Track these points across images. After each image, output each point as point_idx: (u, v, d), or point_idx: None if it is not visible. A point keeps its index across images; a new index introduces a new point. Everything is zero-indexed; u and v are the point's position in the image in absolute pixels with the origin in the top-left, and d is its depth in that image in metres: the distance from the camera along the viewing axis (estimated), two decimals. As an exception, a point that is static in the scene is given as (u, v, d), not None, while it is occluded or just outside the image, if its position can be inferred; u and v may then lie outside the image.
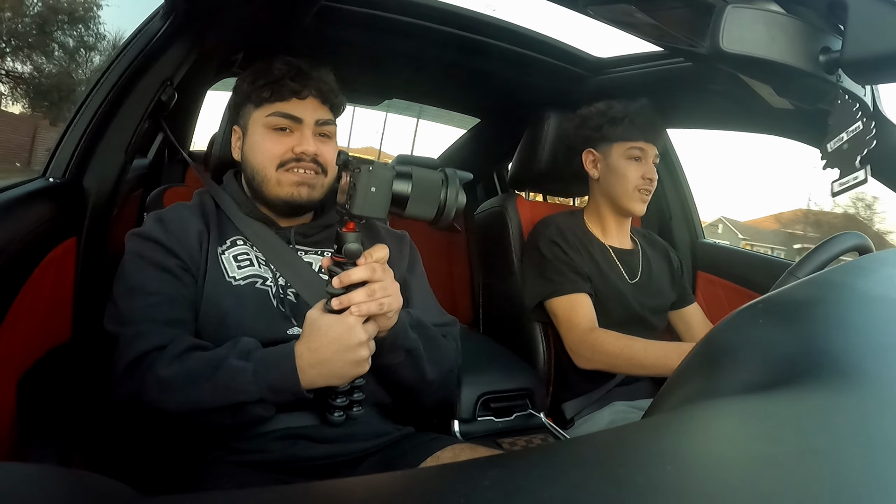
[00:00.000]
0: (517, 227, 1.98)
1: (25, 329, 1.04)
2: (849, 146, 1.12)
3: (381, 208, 1.01)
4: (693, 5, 1.04)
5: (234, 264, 1.22)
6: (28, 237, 1.04)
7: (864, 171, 1.10)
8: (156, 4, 1.41)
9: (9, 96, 19.94)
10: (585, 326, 1.66)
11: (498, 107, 2.66)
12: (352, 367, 1.05)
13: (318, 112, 1.28)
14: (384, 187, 1.01)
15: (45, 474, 0.30)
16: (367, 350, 1.06)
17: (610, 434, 0.41)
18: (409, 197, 1.02)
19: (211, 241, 1.23)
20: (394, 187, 1.01)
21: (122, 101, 1.33)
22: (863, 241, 1.25)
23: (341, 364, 1.04)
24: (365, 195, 1.00)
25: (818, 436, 0.32)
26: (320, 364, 1.03)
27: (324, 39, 1.79)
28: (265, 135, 1.26)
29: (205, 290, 1.18)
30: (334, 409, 1.12)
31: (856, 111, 1.09)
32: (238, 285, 1.20)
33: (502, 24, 1.88)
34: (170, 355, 1.05)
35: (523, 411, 1.68)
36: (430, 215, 1.04)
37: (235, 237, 1.26)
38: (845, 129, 1.12)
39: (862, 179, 1.11)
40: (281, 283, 1.22)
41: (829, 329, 0.43)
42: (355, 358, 1.04)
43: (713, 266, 2.20)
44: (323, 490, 0.29)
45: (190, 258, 1.19)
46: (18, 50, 19.58)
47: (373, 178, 1.00)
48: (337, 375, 1.06)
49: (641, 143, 1.75)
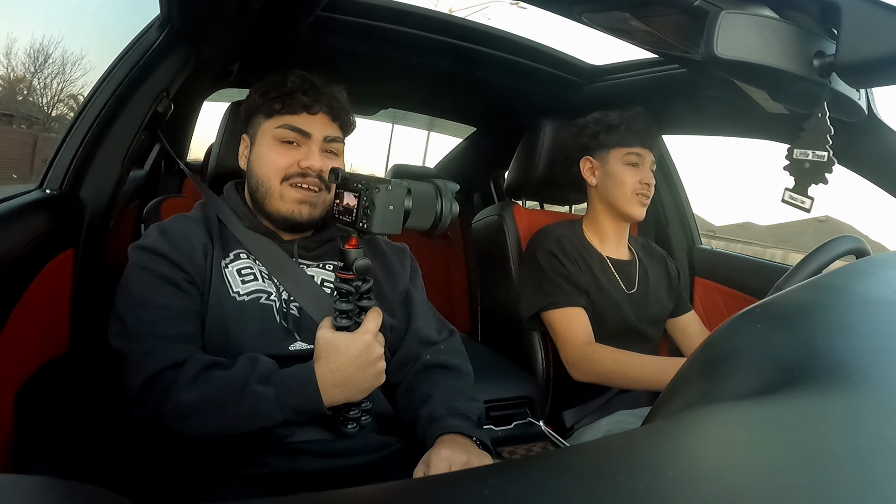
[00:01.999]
0: (515, 236, 1.99)
1: (23, 341, 1.04)
2: (809, 167, 1.15)
3: (396, 225, 1.06)
4: (687, 12, 1.05)
5: (238, 279, 1.21)
6: (25, 248, 1.03)
7: (811, 202, 1.14)
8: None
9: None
10: (582, 340, 1.67)
11: (494, 115, 2.67)
12: (374, 380, 1.09)
13: (326, 128, 1.28)
14: (399, 205, 1.05)
15: (42, 485, 0.30)
16: (383, 361, 1.10)
17: (610, 441, 0.41)
18: (411, 211, 1.07)
19: (215, 255, 1.22)
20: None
21: (119, 112, 1.32)
22: (860, 244, 1.25)
23: (363, 379, 1.07)
24: (384, 214, 1.03)
25: (818, 439, 0.32)
26: (344, 383, 1.06)
27: (319, 49, 1.80)
28: (272, 146, 1.26)
29: (209, 304, 1.17)
30: (348, 421, 1.13)
31: (828, 139, 1.12)
32: (242, 301, 1.19)
33: (497, 32, 1.89)
34: (187, 378, 1.04)
35: (523, 420, 1.68)
36: (426, 225, 1.10)
37: (238, 250, 1.25)
38: (813, 148, 1.15)
39: (805, 208, 1.16)
40: (284, 298, 1.21)
41: (828, 333, 0.43)
42: (376, 371, 1.09)
43: (710, 272, 2.20)
44: (324, 501, 0.29)
45: (195, 271, 1.18)
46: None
47: (391, 196, 1.04)
48: (360, 390, 1.09)
49: (638, 149, 1.77)
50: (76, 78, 10.94)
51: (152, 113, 1.38)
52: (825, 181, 1.13)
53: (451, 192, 1.13)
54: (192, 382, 1.04)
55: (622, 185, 1.76)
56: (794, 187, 1.17)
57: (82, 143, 1.28)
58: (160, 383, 1.04)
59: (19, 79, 10.44)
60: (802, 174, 1.15)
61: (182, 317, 1.14)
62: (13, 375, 1.03)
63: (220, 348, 1.14)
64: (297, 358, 1.14)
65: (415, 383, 1.26)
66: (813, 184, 1.14)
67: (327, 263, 1.31)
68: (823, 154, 1.12)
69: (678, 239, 2.31)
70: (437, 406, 1.18)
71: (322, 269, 1.30)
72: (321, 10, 1.53)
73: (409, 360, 1.30)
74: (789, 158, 1.18)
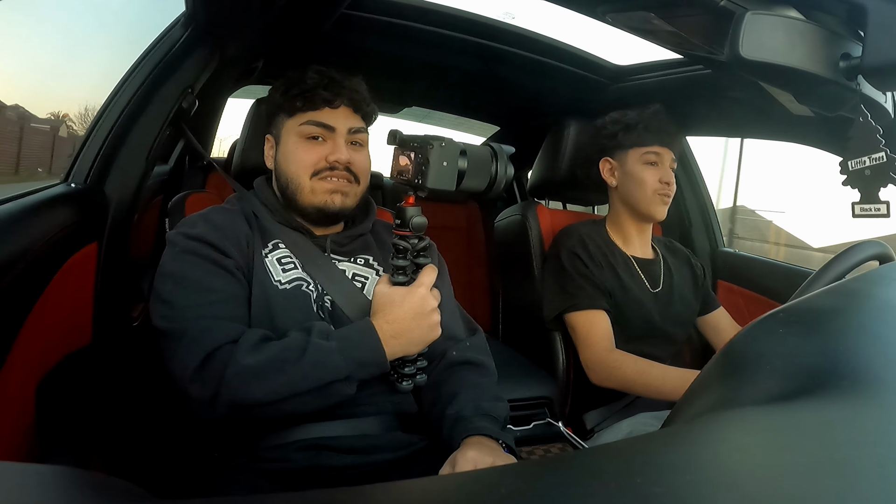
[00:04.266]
0: (538, 236, 1.98)
1: (46, 333, 1.05)
2: (871, 173, 1.11)
3: (451, 181, 1.10)
4: (712, 12, 1.04)
5: (279, 267, 1.22)
6: (50, 241, 1.05)
7: (887, 206, 1.10)
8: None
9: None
10: (604, 346, 1.66)
11: (517, 115, 2.66)
12: (429, 332, 1.14)
13: (350, 120, 1.29)
14: (453, 161, 1.10)
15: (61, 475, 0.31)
16: (438, 313, 1.14)
17: (628, 444, 0.41)
18: (466, 171, 1.11)
19: (255, 244, 1.23)
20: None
21: (144, 107, 1.34)
22: (884, 249, 1.23)
23: (419, 331, 1.12)
24: (438, 169, 1.07)
25: (839, 446, 0.31)
26: (400, 334, 1.10)
27: (343, 47, 1.80)
28: (298, 144, 1.27)
29: (253, 292, 1.18)
30: (403, 377, 1.18)
31: (880, 137, 1.08)
32: (285, 289, 1.20)
33: (522, 31, 1.88)
34: (247, 346, 1.05)
35: (542, 420, 1.67)
36: (481, 186, 1.16)
37: (276, 240, 1.26)
38: (868, 153, 1.11)
39: (884, 213, 1.11)
40: (320, 290, 1.22)
41: (850, 338, 0.43)
42: (431, 323, 1.13)
43: (733, 275, 2.19)
44: (342, 497, 0.30)
45: (241, 258, 1.19)
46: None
47: (445, 152, 1.08)
48: (416, 342, 1.13)
49: (657, 148, 1.75)
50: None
51: (177, 109, 1.40)
52: (894, 181, 1.09)
53: (506, 155, 1.17)
54: (252, 349, 1.04)
55: (642, 185, 1.75)
56: (862, 198, 1.14)
57: (107, 138, 1.30)
58: (220, 356, 1.04)
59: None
60: (866, 182, 1.12)
61: (235, 299, 1.15)
62: (36, 366, 1.04)
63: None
64: None
65: (440, 380, 1.26)
66: (882, 187, 1.11)
67: (358, 258, 1.32)
68: (880, 154, 1.09)
69: (701, 241, 2.29)
70: (463, 405, 1.17)
71: (353, 263, 1.31)
72: (346, 7, 1.54)
73: (434, 356, 1.29)
74: (846, 172, 1.15)
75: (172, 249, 1.17)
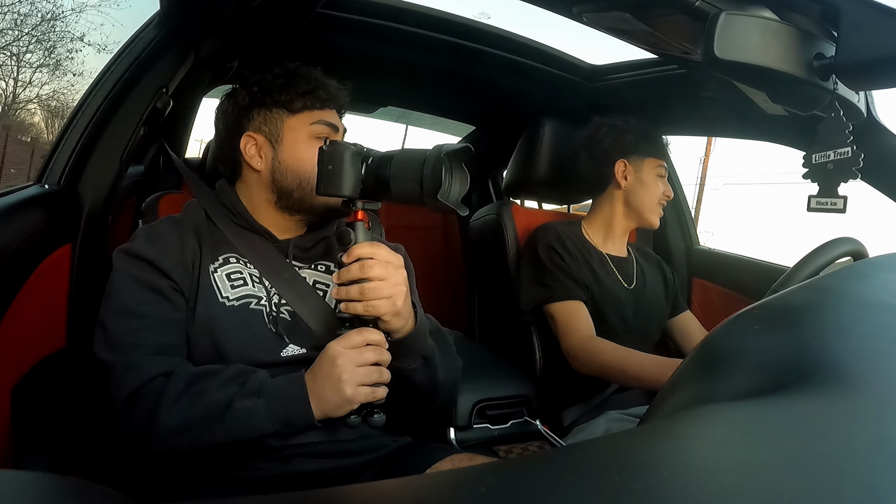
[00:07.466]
0: (513, 235, 1.99)
1: (20, 336, 1.04)
2: (833, 167, 1.13)
3: (345, 186, 1.03)
4: (687, 12, 1.05)
5: (227, 283, 1.18)
6: (23, 244, 1.03)
7: (843, 201, 1.11)
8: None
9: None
10: (585, 333, 1.67)
11: (493, 114, 2.66)
12: (337, 397, 1.02)
13: (340, 121, 1.31)
14: (340, 164, 1.02)
15: (38, 481, 0.30)
16: (353, 387, 1.01)
17: (606, 441, 0.41)
18: (390, 177, 1.00)
19: (203, 259, 1.19)
20: (377, 171, 1.02)
21: (118, 108, 1.32)
22: (857, 245, 1.25)
23: (328, 394, 1.02)
24: (324, 173, 1.03)
25: (813, 442, 0.32)
26: (318, 396, 1.02)
27: (319, 46, 1.79)
28: (311, 143, 1.24)
29: (197, 311, 1.14)
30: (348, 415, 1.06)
31: (848, 134, 1.09)
32: (232, 306, 1.16)
33: (497, 31, 1.89)
34: (171, 397, 1.01)
35: (519, 419, 1.68)
36: (411, 193, 1.00)
37: (228, 254, 1.22)
38: (834, 147, 1.12)
39: (839, 209, 1.12)
40: (275, 302, 1.19)
41: (825, 335, 0.43)
42: (336, 386, 1.01)
43: (708, 272, 2.21)
44: (319, 498, 0.29)
45: (181, 278, 1.15)
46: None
47: (327, 155, 1.03)
48: (332, 406, 1.03)
49: (664, 163, 1.87)
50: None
51: (151, 109, 1.38)
52: (855, 175, 1.11)
53: (444, 156, 0.97)
54: (176, 403, 1.00)
55: (652, 195, 1.83)
56: (820, 192, 1.15)
57: (81, 139, 1.29)
58: (142, 400, 1.01)
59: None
60: (827, 176, 1.13)
61: (164, 325, 1.11)
62: (10, 371, 1.03)
63: (209, 356, 1.12)
64: (289, 364, 1.13)
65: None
66: (843, 182, 1.12)
67: (319, 264, 1.29)
68: (846, 150, 1.11)
69: (676, 239, 2.32)
70: None
71: (314, 270, 1.28)
72: (321, 7, 1.53)
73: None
74: (808, 165, 1.16)
75: (114, 267, 1.14)
